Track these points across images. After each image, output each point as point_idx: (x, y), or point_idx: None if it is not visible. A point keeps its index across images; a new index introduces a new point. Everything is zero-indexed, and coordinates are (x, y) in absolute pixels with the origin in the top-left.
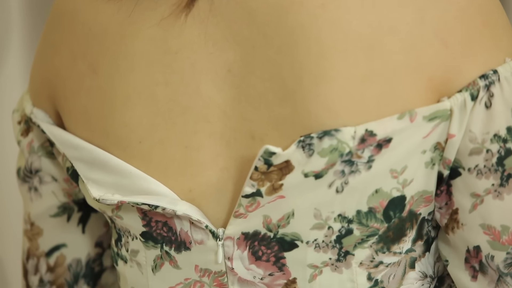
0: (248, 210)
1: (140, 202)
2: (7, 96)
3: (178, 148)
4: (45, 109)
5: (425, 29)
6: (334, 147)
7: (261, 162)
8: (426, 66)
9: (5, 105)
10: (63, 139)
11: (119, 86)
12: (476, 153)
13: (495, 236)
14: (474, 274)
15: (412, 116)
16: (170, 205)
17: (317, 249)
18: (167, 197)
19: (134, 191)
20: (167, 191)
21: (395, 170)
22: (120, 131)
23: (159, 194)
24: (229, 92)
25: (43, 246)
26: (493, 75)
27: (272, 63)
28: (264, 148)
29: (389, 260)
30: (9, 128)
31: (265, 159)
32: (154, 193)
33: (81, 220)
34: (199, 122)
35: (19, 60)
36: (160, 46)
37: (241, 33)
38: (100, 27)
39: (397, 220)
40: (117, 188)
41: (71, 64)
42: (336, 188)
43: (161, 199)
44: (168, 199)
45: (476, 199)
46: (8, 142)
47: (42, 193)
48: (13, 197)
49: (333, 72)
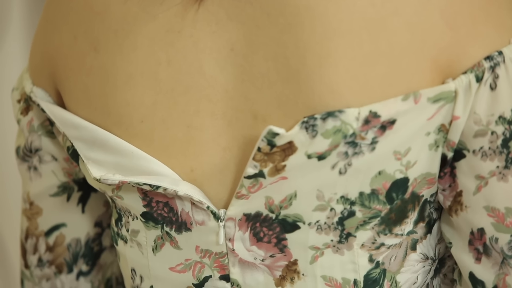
0: (250, 191)
1: (141, 182)
2: (7, 73)
3: (180, 128)
4: (45, 88)
5: (430, 10)
6: (337, 128)
7: (264, 143)
8: (431, 47)
9: (5, 83)
10: (63, 119)
11: (121, 64)
12: (481, 135)
13: (499, 218)
14: (478, 256)
15: (417, 98)
16: (171, 186)
17: (319, 230)
18: (168, 177)
19: (135, 171)
20: (168, 171)
21: (399, 152)
22: (121, 110)
23: (160, 174)
24: (232, 71)
25: (43, 226)
26: (498, 56)
27: (276, 43)
28: (267, 128)
29: (391, 241)
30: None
31: (268, 139)
32: (156, 173)
33: (81, 200)
34: (201, 101)
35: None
36: (163, 25)
37: (245, 12)
38: (102, 6)
39: (399, 202)
40: (117, 168)
41: (72, 42)
42: (339, 170)
43: (163, 179)
44: (170, 179)
45: (481, 181)
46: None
47: (42, 172)
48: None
49: (337, 52)
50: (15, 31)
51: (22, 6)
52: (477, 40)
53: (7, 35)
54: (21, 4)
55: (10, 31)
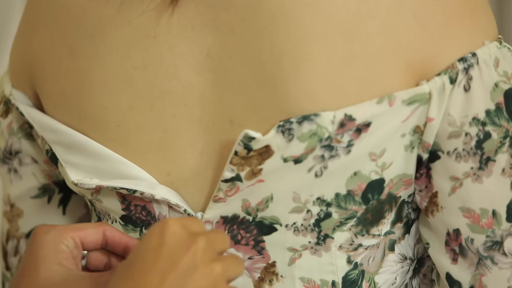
0: (227, 194)
1: (118, 187)
2: None
3: (156, 132)
4: (24, 91)
5: (403, 12)
6: (313, 132)
7: (241, 147)
8: (405, 49)
9: None
10: (42, 122)
11: (97, 69)
12: (455, 137)
13: (474, 219)
14: (455, 257)
15: (391, 100)
16: (148, 189)
17: (296, 232)
18: (145, 181)
19: (112, 175)
20: (145, 175)
21: (374, 153)
22: (98, 114)
23: (137, 178)
24: (208, 76)
25: (24, 228)
26: (472, 58)
27: (251, 48)
28: (243, 132)
29: (368, 242)
30: None
31: (244, 143)
32: (133, 177)
33: (61, 202)
34: (178, 106)
35: None
36: (139, 30)
37: (220, 18)
38: (79, 10)
39: (375, 202)
40: (95, 172)
41: (50, 46)
42: (315, 173)
43: (140, 184)
44: (147, 183)
45: (455, 182)
46: None
47: (22, 174)
48: None
49: (312, 56)
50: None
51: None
52: (451, 42)
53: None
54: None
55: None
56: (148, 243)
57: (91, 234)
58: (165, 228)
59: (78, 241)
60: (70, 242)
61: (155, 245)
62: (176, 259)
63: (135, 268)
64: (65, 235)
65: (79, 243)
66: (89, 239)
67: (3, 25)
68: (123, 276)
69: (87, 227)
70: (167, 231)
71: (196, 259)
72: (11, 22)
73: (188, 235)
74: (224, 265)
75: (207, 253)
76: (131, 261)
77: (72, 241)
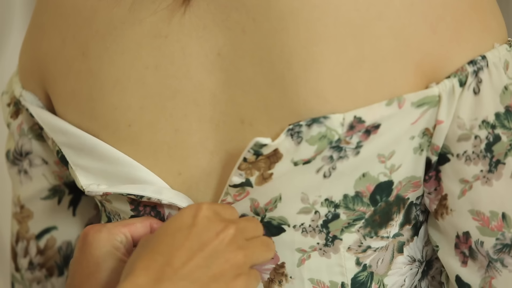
0: (236, 199)
1: (125, 193)
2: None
3: (168, 132)
4: (34, 92)
5: (413, 15)
6: (323, 135)
7: (251, 154)
8: (414, 52)
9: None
10: (52, 124)
11: (108, 69)
12: (465, 139)
13: (484, 222)
14: (464, 259)
15: (401, 102)
16: (154, 194)
17: (304, 233)
18: (153, 185)
19: (121, 179)
20: (154, 178)
21: (383, 155)
22: (109, 114)
23: (146, 182)
24: (219, 75)
25: (33, 229)
26: (481, 61)
27: (261, 48)
28: (254, 140)
29: (377, 244)
30: None
31: (255, 150)
32: (141, 180)
33: (71, 203)
34: (189, 105)
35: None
36: (150, 30)
37: (231, 17)
38: (90, 10)
39: (383, 204)
40: (104, 175)
41: (60, 46)
42: (324, 173)
43: (147, 188)
44: (154, 187)
45: (465, 185)
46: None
47: (32, 175)
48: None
49: (322, 57)
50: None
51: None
52: (460, 45)
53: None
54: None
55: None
56: (180, 223)
57: (139, 228)
58: (198, 211)
59: (129, 236)
60: (123, 238)
61: (187, 225)
62: (205, 241)
63: (164, 244)
64: (116, 231)
65: (130, 237)
66: (138, 233)
67: (3, 25)
68: (151, 250)
69: (135, 222)
70: (200, 214)
71: (223, 244)
72: (11, 22)
73: (220, 221)
74: (248, 253)
75: (235, 240)
76: (160, 237)
77: (124, 237)
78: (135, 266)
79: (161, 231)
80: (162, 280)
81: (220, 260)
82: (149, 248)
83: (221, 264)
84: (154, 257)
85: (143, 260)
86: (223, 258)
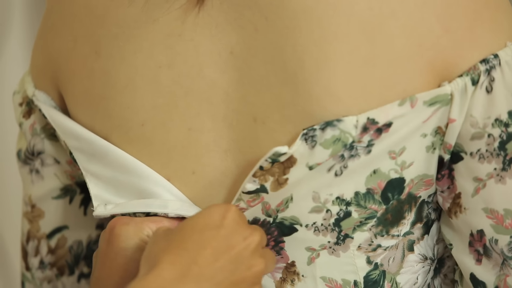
0: (250, 205)
1: (131, 212)
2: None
3: (181, 130)
4: (47, 91)
5: (426, 13)
6: (337, 138)
7: (267, 162)
8: (427, 50)
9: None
10: (64, 127)
11: (121, 68)
12: (478, 138)
13: (498, 220)
14: (479, 257)
15: (413, 102)
16: (160, 209)
17: (316, 232)
18: (159, 198)
19: (130, 189)
20: (163, 186)
21: (393, 151)
22: (122, 113)
23: (153, 194)
24: (232, 74)
25: (45, 228)
26: (493, 60)
27: (274, 46)
28: (272, 151)
29: (387, 243)
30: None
31: (272, 159)
32: (148, 192)
33: (83, 202)
34: (202, 104)
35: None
36: (163, 29)
37: (244, 16)
38: (102, 9)
39: (395, 202)
40: (114, 184)
41: (73, 45)
42: (335, 172)
43: (152, 204)
44: (160, 201)
45: (479, 184)
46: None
47: (44, 175)
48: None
49: (335, 56)
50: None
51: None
52: (473, 43)
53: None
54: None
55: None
56: (208, 221)
57: (166, 223)
58: (227, 212)
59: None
60: (150, 232)
61: (215, 225)
62: (232, 245)
63: (191, 241)
64: (144, 226)
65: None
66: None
67: (3, 25)
68: (177, 245)
69: (163, 220)
70: (228, 216)
71: (248, 250)
72: (11, 22)
73: (247, 226)
74: (266, 262)
75: (259, 247)
76: (187, 232)
77: (151, 231)
78: (160, 259)
79: (187, 226)
80: (187, 277)
81: (243, 266)
82: (175, 242)
83: (243, 271)
84: (181, 253)
85: (170, 254)
86: (246, 265)
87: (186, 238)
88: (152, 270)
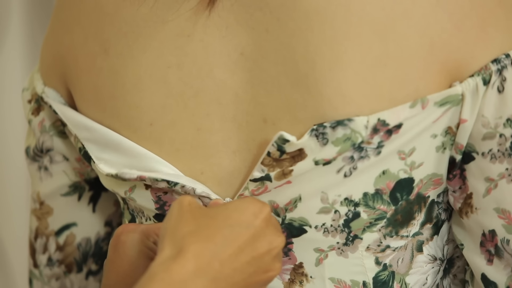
0: (253, 193)
1: (160, 178)
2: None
3: (190, 131)
4: (56, 88)
5: (439, 13)
6: (347, 137)
7: (274, 148)
8: (439, 50)
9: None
10: (75, 120)
11: (130, 67)
12: (489, 138)
13: (510, 220)
14: (490, 258)
15: (424, 103)
16: (190, 183)
17: (326, 233)
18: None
19: (148, 171)
20: (181, 174)
21: (403, 152)
22: (131, 112)
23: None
24: (242, 75)
25: (53, 225)
26: (505, 59)
27: (285, 47)
28: (278, 134)
29: (396, 244)
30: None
31: (278, 145)
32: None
33: (91, 199)
34: (211, 104)
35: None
36: (173, 29)
37: (254, 17)
38: (113, 8)
39: (404, 202)
40: (130, 168)
41: (82, 43)
42: (345, 173)
43: (181, 177)
44: (186, 178)
45: (490, 184)
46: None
47: (53, 172)
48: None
49: (347, 56)
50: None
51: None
52: (485, 43)
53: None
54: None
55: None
56: (241, 218)
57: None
58: (260, 213)
59: None
60: (156, 239)
61: (247, 224)
62: (257, 247)
63: (221, 235)
64: (151, 232)
65: None
66: None
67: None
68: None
69: None
70: (261, 216)
71: (271, 255)
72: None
73: (276, 229)
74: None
75: (280, 252)
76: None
77: (157, 239)
78: (187, 246)
79: (220, 216)
80: (207, 273)
81: (261, 270)
82: (205, 229)
83: (260, 274)
84: (208, 246)
85: (197, 243)
86: (264, 269)
87: (217, 230)
88: (177, 258)
